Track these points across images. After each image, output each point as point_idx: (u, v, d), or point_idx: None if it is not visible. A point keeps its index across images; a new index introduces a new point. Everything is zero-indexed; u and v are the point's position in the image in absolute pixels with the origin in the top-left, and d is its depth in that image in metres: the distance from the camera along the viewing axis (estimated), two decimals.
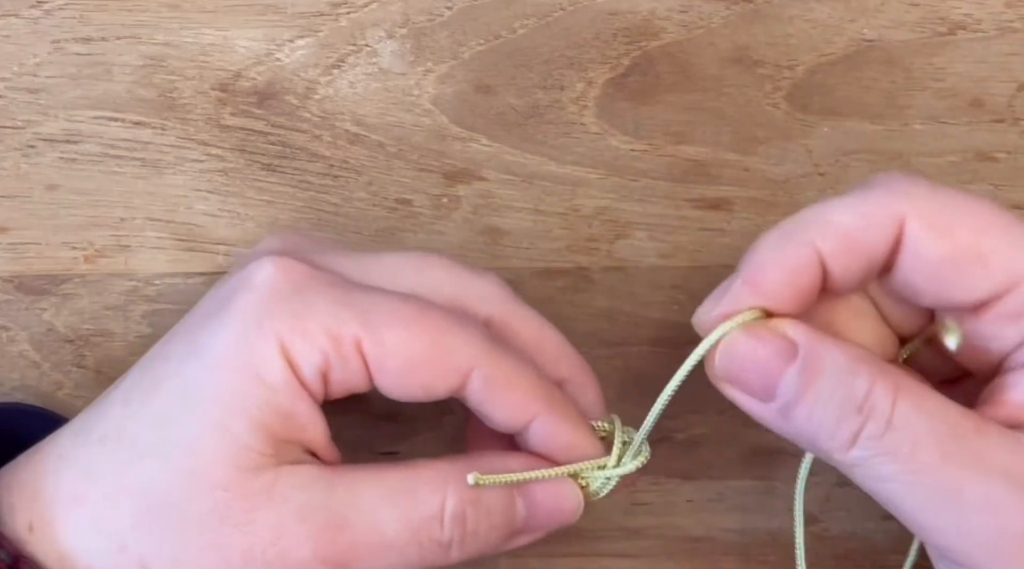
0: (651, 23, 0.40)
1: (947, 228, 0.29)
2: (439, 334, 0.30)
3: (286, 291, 0.29)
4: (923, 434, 0.28)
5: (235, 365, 0.29)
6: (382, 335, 0.29)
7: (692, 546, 0.39)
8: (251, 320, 0.29)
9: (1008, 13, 0.40)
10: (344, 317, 0.29)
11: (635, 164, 0.40)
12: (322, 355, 0.29)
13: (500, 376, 0.31)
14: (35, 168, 0.39)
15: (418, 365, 0.30)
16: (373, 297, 0.30)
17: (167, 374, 0.30)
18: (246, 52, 0.39)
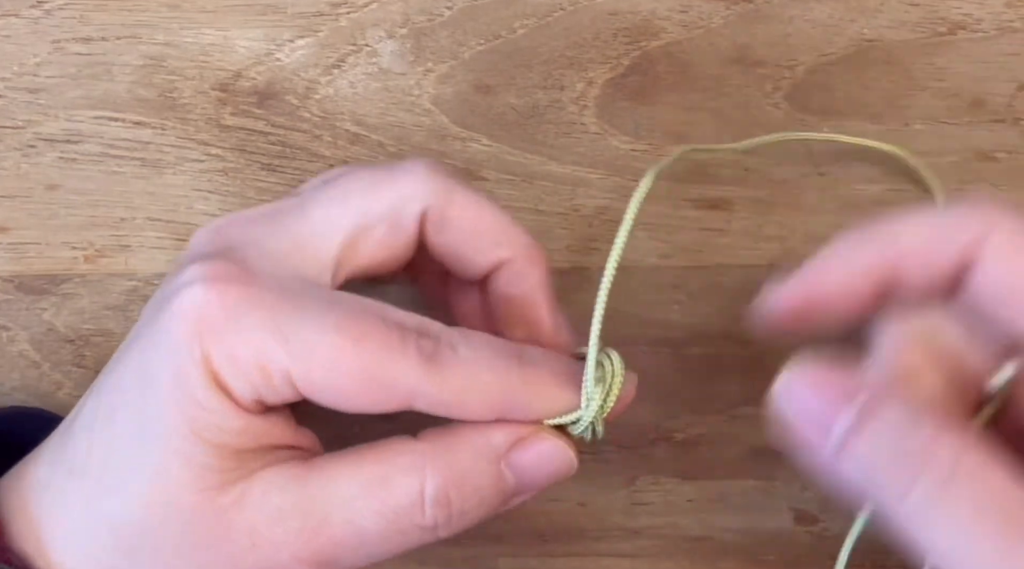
0: (651, 23, 0.40)
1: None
2: (373, 369, 0.29)
3: (216, 317, 0.29)
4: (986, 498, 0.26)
5: (178, 396, 0.29)
6: (311, 370, 0.29)
7: (692, 546, 0.39)
8: (183, 350, 0.29)
9: (1008, 13, 0.40)
10: (272, 350, 0.29)
11: (635, 164, 0.40)
12: (251, 384, 0.29)
13: (444, 399, 0.30)
14: (35, 168, 0.39)
15: (350, 396, 0.29)
16: (306, 325, 0.29)
17: (120, 404, 0.30)
18: (246, 52, 0.39)
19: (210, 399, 0.29)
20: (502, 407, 0.30)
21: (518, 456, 0.31)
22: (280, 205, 0.32)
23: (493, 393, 0.30)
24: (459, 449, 0.30)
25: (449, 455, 0.30)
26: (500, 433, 0.31)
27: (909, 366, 0.30)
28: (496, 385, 0.30)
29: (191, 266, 0.30)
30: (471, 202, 0.32)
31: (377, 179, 0.32)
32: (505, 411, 0.30)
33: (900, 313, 0.30)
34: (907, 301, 0.30)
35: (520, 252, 0.33)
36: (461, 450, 0.30)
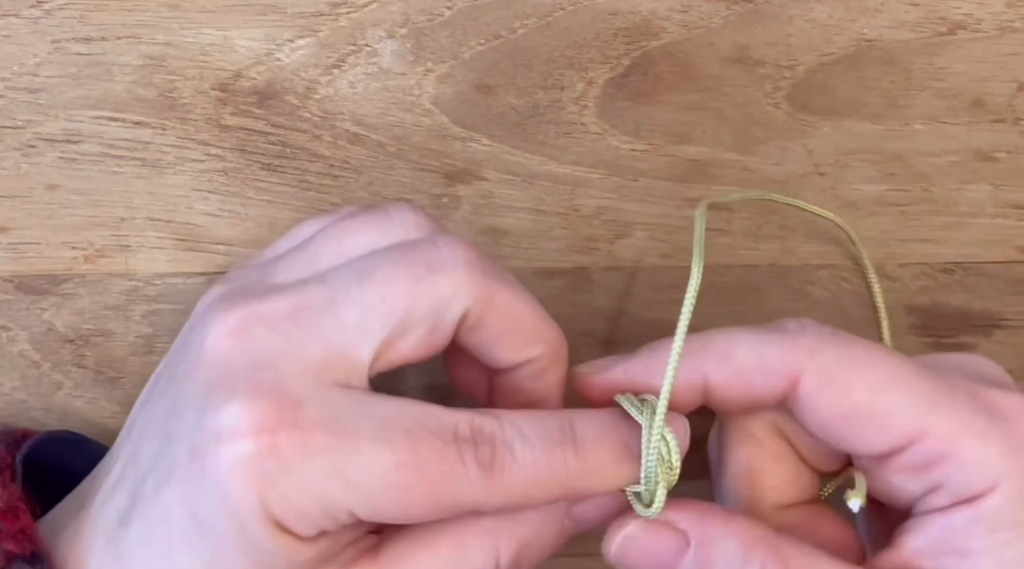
0: (651, 23, 0.40)
1: (844, 386, 0.30)
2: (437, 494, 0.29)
3: (271, 473, 0.28)
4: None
5: (243, 546, 0.28)
6: (375, 505, 0.29)
7: None
8: (244, 509, 0.28)
9: (1008, 13, 0.40)
10: (335, 496, 0.28)
11: (635, 164, 0.40)
12: (316, 527, 0.29)
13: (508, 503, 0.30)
14: (35, 168, 0.39)
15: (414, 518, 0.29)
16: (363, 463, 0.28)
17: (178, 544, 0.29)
18: (246, 52, 0.39)
19: (276, 545, 0.28)
20: (563, 496, 0.30)
21: (579, 510, 0.31)
22: (306, 300, 0.30)
23: (554, 489, 0.30)
24: (526, 517, 0.31)
25: (518, 525, 0.31)
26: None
27: (752, 465, 0.33)
28: (556, 480, 0.30)
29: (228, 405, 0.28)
30: (509, 302, 0.31)
31: (417, 276, 0.30)
32: (567, 497, 0.31)
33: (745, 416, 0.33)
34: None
35: (548, 352, 0.32)
36: (528, 517, 0.31)
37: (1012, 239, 0.40)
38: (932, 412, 0.30)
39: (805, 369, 0.30)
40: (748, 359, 0.31)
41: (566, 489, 0.30)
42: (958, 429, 0.29)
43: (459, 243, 0.31)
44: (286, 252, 0.33)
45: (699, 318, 0.39)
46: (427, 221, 0.32)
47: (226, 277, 0.33)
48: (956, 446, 0.29)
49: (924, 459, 0.30)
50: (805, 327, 0.31)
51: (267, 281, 0.32)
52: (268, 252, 0.35)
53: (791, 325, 0.31)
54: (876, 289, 0.39)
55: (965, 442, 0.29)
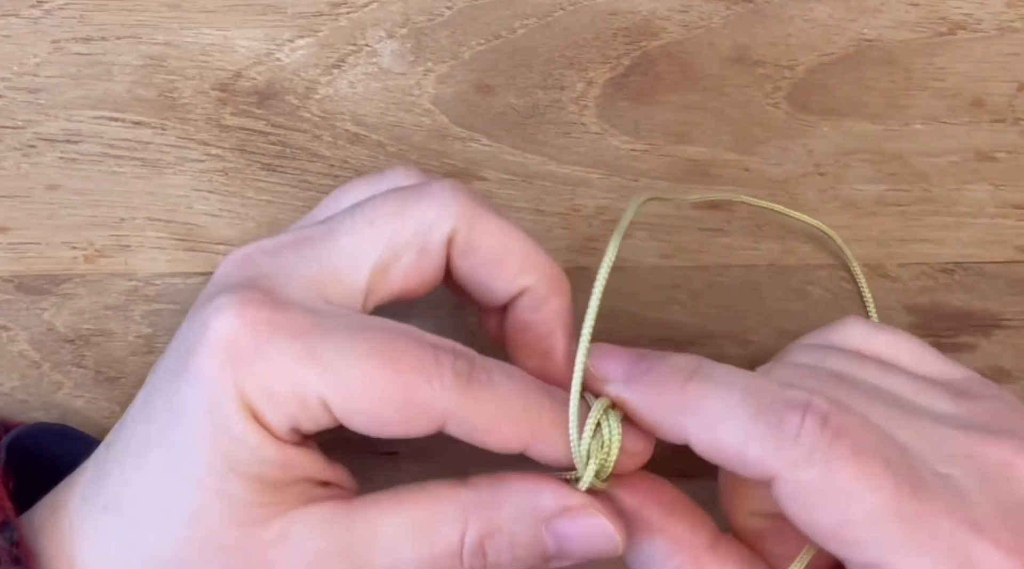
0: (651, 23, 0.40)
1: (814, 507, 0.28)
2: (409, 390, 0.29)
3: (247, 348, 0.29)
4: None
5: (211, 432, 0.29)
6: (347, 396, 0.29)
7: None
8: (216, 383, 0.29)
9: (1008, 13, 0.40)
10: (308, 378, 0.28)
11: (635, 164, 0.40)
12: (288, 415, 0.29)
13: (477, 422, 0.30)
14: (35, 168, 0.39)
15: (386, 421, 0.29)
16: (339, 350, 0.29)
17: (152, 439, 0.30)
18: (246, 52, 0.39)
19: (246, 432, 0.28)
20: (530, 439, 0.30)
21: (562, 525, 0.31)
22: (306, 233, 0.32)
23: (523, 424, 0.30)
24: (504, 504, 0.30)
25: (493, 508, 0.30)
26: (549, 496, 0.31)
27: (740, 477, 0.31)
28: (527, 417, 0.30)
29: (218, 296, 0.29)
30: (496, 227, 0.32)
31: (404, 203, 0.31)
32: (531, 444, 0.30)
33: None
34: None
35: (543, 279, 0.32)
36: (505, 505, 0.30)
37: (1012, 239, 0.40)
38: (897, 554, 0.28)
39: (780, 478, 0.29)
40: (728, 445, 0.29)
41: (535, 431, 0.30)
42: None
43: (449, 180, 0.32)
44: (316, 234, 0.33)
45: (700, 318, 0.39)
46: (417, 174, 0.34)
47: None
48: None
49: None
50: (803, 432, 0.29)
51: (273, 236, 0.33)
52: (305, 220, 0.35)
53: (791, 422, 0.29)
54: (865, 290, 0.39)
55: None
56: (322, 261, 0.31)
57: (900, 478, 0.28)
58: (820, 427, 0.28)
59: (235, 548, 0.29)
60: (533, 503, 0.30)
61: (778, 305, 0.40)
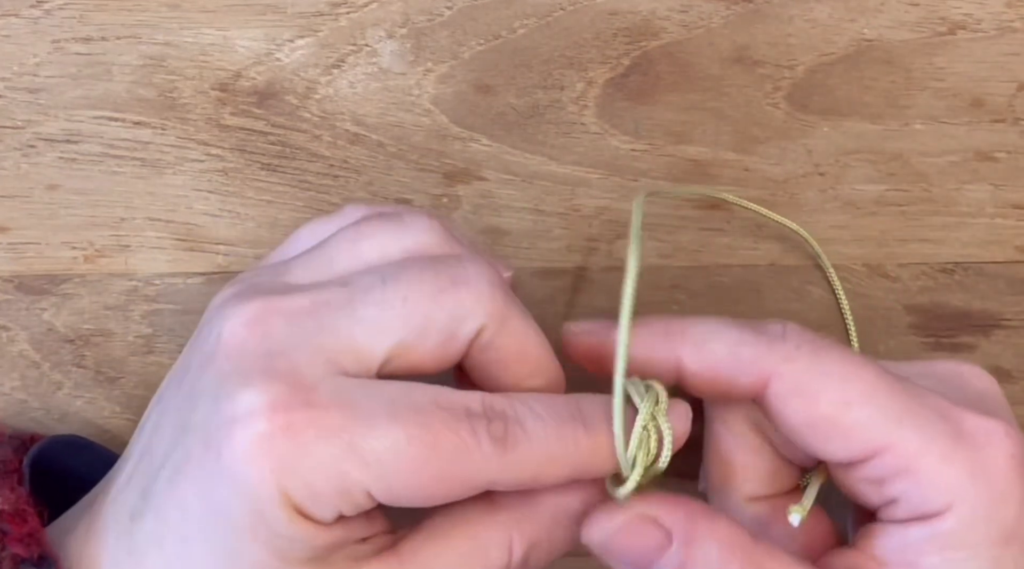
0: (651, 23, 0.40)
1: (811, 395, 0.30)
2: (451, 469, 0.29)
3: (286, 453, 0.28)
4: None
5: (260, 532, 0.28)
6: (390, 482, 0.29)
7: None
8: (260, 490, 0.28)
9: (1008, 13, 0.40)
10: (350, 473, 0.28)
11: (635, 164, 0.40)
12: (333, 508, 0.29)
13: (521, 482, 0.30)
14: (35, 168, 0.39)
15: (430, 497, 0.29)
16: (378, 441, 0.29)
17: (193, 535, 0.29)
18: (246, 52, 0.39)
19: (293, 530, 0.28)
20: (575, 474, 0.30)
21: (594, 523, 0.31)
22: (325, 297, 0.30)
23: (566, 466, 0.30)
24: (539, 516, 0.31)
25: (532, 523, 0.31)
26: (577, 498, 0.31)
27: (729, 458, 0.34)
28: (567, 457, 0.30)
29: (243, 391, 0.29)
30: (521, 330, 0.31)
31: (440, 285, 0.30)
32: (577, 476, 0.31)
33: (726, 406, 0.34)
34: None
35: (548, 387, 0.32)
36: (541, 516, 0.31)
37: (1012, 239, 0.40)
38: (896, 429, 0.30)
39: (776, 374, 0.30)
40: (721, 355, 0.31)
41: (577, 466, 0.30)
42: (919, 448, 0.30)
43: (483, 262, 0.31)
44: (300, 254, 0.33)
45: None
46: (441, 227, 0.33)
47: (237, 278, 0.33)
48: (915, 464, 0.30)
49: (883, 473, 0.30)
50: (787, 332, 0.31)
51: (284, 280, 0.32)
52: (275, 255, 0.35)
53: (774, 328, 0.31)
54: (840, 293, 0.39)
55: (924, 461, 0.30)
56: (340, 332, 0.30)
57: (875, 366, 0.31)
58: (801, 329, 0.31)
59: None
60: (565, 508, 0.31)
61: (778, 305, 0.40)
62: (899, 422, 0.30)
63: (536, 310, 0.39)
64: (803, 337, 0.31)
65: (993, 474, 0.30)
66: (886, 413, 0.30)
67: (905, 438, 0.30)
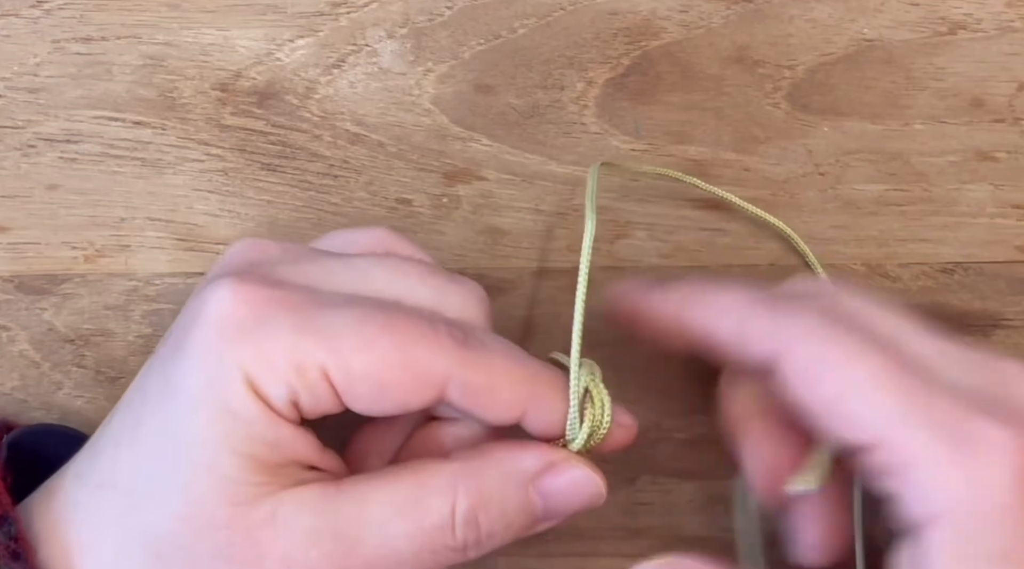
0: (651, 23, 0.40)
1: (815, 379, 0.30)
2: (408, 351, 0.29)
3: (245, 321, 0.29)
4: None
5: (207, 405, 0.29)
6: (347, 360, 0.29)
7: (692, 546, 0.39)
8: (213, 356, 0.29)
9: (1008, 13, 0.40)
10: (307, 346, 0.28)
11: (635, 164, 0.40)
12: (288, 387, 0.29)
13: (478, 383, 0.30)
14: (35, 168, 0.39)
15: (388, 386, 0.29)
16: (336, 318, 0.29)
17: (147, 415, 0.30)
18: (246, 52, 0.39)
19: (245, 406, 0.28)
20: (528, 401, 0.30)
21: (547, 481, 0.31)
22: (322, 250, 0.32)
23: (521, 385, 0.30)
24: (489, 471, 0.30)
25: (479, 476, 0.30)
26: (531, 457, 0.31)
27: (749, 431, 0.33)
28: (524, 379, 0.30)
29: (221, 278, 0.30)
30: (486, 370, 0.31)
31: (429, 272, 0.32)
32: (528, 411, 0.31)
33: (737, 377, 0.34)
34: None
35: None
36: (491, 471, 0.30)
37: (1012, 239, 0.40)
38: (892, 425, 0.28)
39: (783, 353, 0.30)
40: (730, 331, 0.31)
41: (533, 395, 0.30)
42: (915, 448, 0.28)
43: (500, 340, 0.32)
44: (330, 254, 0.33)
45: None
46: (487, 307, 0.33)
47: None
48: (910, 464, 0.28)
49: (881, 467, 0.29)
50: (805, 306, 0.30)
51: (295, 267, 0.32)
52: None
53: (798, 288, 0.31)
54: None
55: (919, 463, 0.28)
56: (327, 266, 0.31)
57: (890, 356, 0.29)
58: (818, 311, 0.30)
59: (225, 526, 0.29)
60: (518, 465, 0.31)
61: None
62: (900, 419, 0.28)
63: (536, 310, 0.39)
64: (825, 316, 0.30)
65: (992, 486, 0.27)
66: (887, 408, 0.28)
67: (902, 435, 0.28)
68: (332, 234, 0.35)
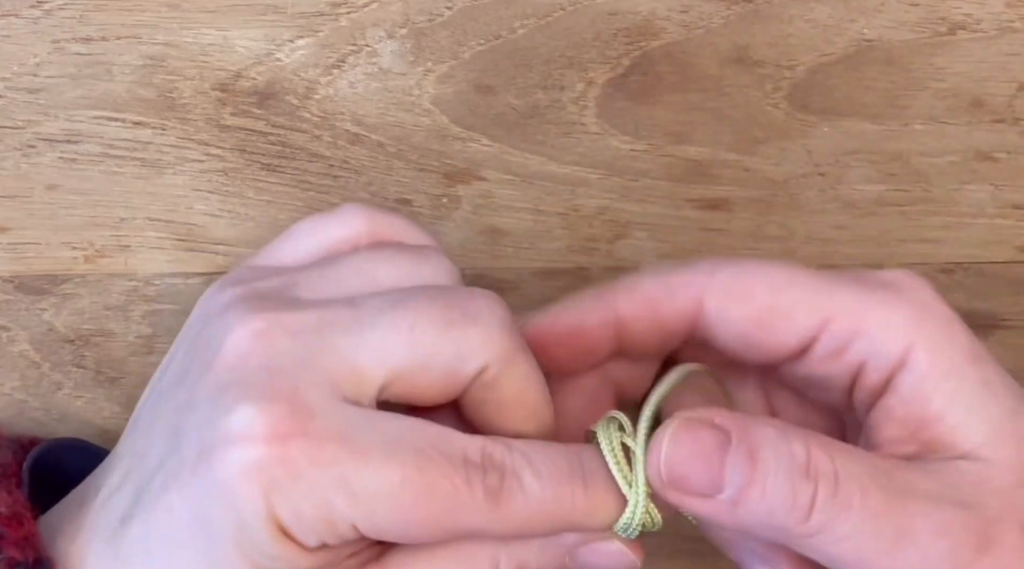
0: (651, 23, 0.40)
1: (744, 294, 0.31)
2: (441, 518, 0.29)
3: (279, 476, 0.28)
4: (866, 481, 0.29)
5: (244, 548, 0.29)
6: (378, 521, 0.29)
7: (692, 546, 0.39)
8: (248, 508, 0.28)
9: (1008, 13, 0.40)
10: (339, 506, 0.28)
11: (635, 164, 0.40)
12: (318, 536, 0.29)
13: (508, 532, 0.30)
14: (35, 168, 0.39)
15: (415, 538, 0.29)
16: (369, 476, 0.28)
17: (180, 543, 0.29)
18: (246, 52, 0.39)
19: (277, 550, 0.28)
20: (568, 529, 0.31)
21: (584, 553, 0.31)
22: (332, 316, 0.30)
23: (558, 523, 0.30)
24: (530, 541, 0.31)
25: (520, 545, 0.31)
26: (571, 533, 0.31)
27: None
28: (561, 514, 0.30)
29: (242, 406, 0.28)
30: (524, 375, 0.31)
31: (450, 319, 0.30)
32: (571, 530, 0.31)
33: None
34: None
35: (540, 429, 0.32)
36: (532, 542, 0.31)
37: (1012, 239, 0.40)
38: (832, 297, 0.31)
39: (707, 288, 0.31)
40: (654, 288, 0.32)
41: (570, 524, 0.30)
42: (860, 305, 0.31)
43: (497, 301, 0.31)
44: (310, 268, 0.32)
45: None
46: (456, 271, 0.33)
47: (237, 276, 0.33)
48: (863, 320, 0.31)
49: (838, 342, 0.31)
50: (706, 259, 0.32)
51: (291, 293, 0.31)
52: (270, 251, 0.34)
53: (695, 260, 0.32)
54: None
55: (870, 314, 0.31)
56: (344, 353, 0.30)
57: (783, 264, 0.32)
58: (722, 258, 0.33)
59: None
60: (557, 538, 0.31)
61: None
62: (830, 292, 0.31)
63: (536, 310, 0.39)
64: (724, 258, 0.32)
65: (931, 306, 0.31)
66: (817, 289, 0.31)
67: (842, 302, 0.31)
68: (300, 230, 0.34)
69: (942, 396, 0.30)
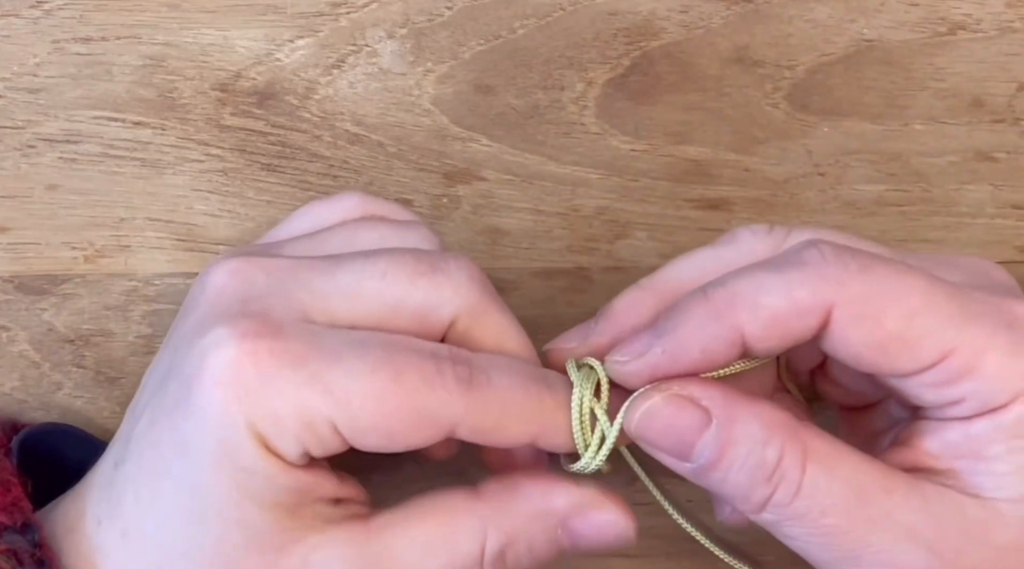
0: (651, 23, 0.40)
1: (875, 315, 0.30)
2: (416, 402, 0.29)
3: (251, 380, 0.29)
4: (831, 500, 0.29)
5: (224, 466, 0.29)
6: (355, 414, 0.29)
7: (692, 546, 0.39)
8: (224, 419, 0.29)
9: (1008, 13, 0.40)
10: (314, 403, 0.29)
11: (635, 164, 0.40)
12: (299, 441, 0.29)
13: (486, 424, 0.30)
14: (35, 168, 0.39)
15: (395, 434, 0.29)
16: (342, 371, 0.29)
17: (165, 470, 0.30)
18: (246, 52, 0.39)
19: (258, 462, 0.29)
20: (538, 430, 0.31)
21: (576, 523, 0.31)
22: (307, 262, 0.31)
23: (528, 417, 0.30)
24: (519, 511, 0.31)
25: (509, 516, 0.31)
26: (561, 498, 0.31)
27: None
28: (530, 410, 0.30)
29: (215, 327, 0.29)
30: (497, 326, 0.32)
31: (419, 270, 0.31)
32: (539, 435, 0.31)
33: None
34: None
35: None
36: (521, 511, 0.31)
37: (1012, 239, 0.40)
38: (961, 330, 0.30)
39: (836, 303, 0.30)
40: (779, 305, 0.30)
41: (540, 424, 0.30)
42: (984, 345, 0.30)
43: (468, 260, 0.32)
44: (299, 237, 0.34)
45: None
46: (440, 241, 0.34)
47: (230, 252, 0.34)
48: (982, 361, 0.30)
49: (950, 375, 0.30)
50: (824, 255, 0.30)
51: (275, 251, 0.33)
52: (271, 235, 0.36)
53: (810, 256, 0.30)
54: None
55: (990, 357, 0.30)
56: (316, 290, 0.31)
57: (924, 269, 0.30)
58: (834, 247, 0.30)
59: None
60: (547, 506, 0.31)
61: None
62: (962, 323, 0.30)
63: (536, 310, 0.39)
64: (842, 256, 0.30)
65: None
66: (949, 318, 0.30)
67: (969, 338, 0.30)
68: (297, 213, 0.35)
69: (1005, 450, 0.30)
